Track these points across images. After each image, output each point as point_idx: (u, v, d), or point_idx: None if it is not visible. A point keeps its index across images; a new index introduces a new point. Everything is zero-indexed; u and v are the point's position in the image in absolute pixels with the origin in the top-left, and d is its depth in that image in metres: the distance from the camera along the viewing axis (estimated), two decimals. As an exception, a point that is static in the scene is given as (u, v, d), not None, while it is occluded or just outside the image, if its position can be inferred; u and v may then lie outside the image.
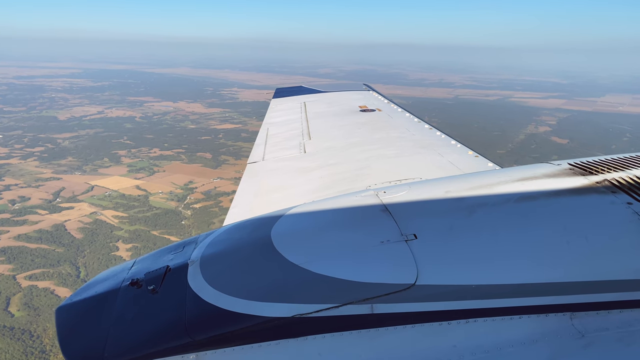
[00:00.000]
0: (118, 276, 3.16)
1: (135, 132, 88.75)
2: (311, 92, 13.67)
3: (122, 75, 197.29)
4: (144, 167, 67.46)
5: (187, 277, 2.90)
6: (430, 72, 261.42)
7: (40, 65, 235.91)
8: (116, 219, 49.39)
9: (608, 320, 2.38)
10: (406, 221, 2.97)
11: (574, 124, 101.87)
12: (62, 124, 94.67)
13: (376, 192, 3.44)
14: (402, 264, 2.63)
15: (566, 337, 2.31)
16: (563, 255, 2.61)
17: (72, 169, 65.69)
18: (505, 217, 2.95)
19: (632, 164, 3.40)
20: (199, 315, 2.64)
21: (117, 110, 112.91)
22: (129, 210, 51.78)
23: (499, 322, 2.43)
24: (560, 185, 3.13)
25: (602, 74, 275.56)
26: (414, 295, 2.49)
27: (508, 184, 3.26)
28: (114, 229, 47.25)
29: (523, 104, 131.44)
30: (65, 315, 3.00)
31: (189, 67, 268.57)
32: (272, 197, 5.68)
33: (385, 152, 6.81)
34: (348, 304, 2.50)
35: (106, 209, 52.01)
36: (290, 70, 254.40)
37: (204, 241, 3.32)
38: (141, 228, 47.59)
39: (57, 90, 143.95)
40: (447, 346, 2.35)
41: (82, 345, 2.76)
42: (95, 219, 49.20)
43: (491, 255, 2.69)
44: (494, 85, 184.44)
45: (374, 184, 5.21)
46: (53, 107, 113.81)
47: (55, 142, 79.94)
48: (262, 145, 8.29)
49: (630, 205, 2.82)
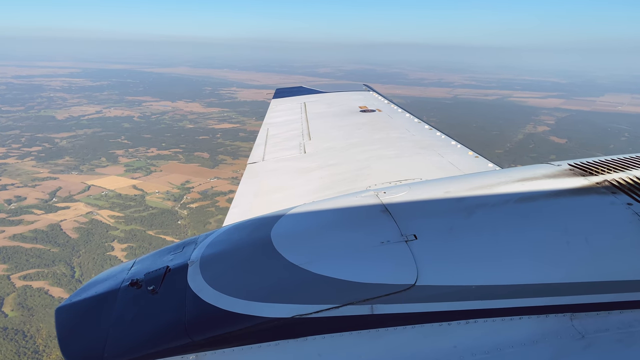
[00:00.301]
0: (118, 276, 3.15)
1: (133, 132, 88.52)
2: (311, 92, 13.72)
3: (121, 75, 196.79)
4: (141, 167, 67.23)
5: (187, 278, 2.89)
6: (429, 72, 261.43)
7: (39, 65, 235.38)
8: (112, 219, 49.20)
9: (608, 321, 2.37)
10: (406, 222, 2.97)
11: (572, 124, 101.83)
12: (60, 124, 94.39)
13: (376, 193, 3.44)
14: (402, 264, 2.63)
15: (566, 337, 2.30)
16: (563, 255, 2.61)
17: (69, 169, 65.49)
18: (505, 217, 2.95)
19: (632, 165, 3.39)
20: (199, 316, 2.64)
21: (115, 109, 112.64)
22: (125, 210, 51.59)
23: (499, 323, 2.43)
24: (561, 186, 3.13)
25: (601, 74, 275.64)
26: (414, 296, 2.49)
27: (508, 184, 3.25)
28: (109, 228, 47.04)
29: (522, 104, 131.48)
30: (65, 315, 2.99)
31: (188, 67, 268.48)
32: (272, 197, 5.67)
33: (386, 152, 6.79)
34: (348, 305, 2.49)
35: (102, 208, 51.81)
36: (290, 69, 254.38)
37: (203, 241, 3.31)
38: (137, 228, 47.38)
39: (55, 89, 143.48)
40: (447, 347, 2.35)
41: (82, 346, 2.76)
42: (91, 219, 48.98)
43: (491, 255, 2.69)
44: (493, 85, 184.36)
45: (374, 184, 5.19)
46: (51, 107, 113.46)
47: (53, 142, 79.72)
48: (262, 145, 8.28)
49: (631, 206, 2.81)
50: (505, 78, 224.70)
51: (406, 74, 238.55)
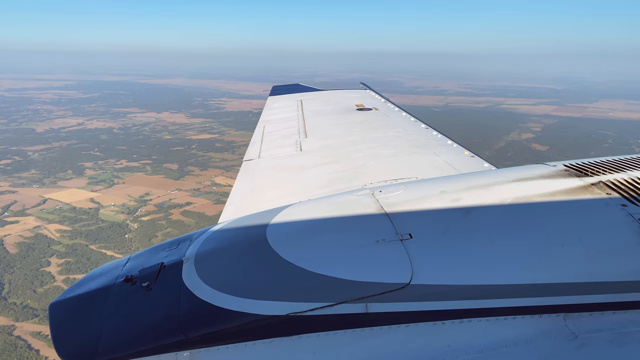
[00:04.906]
0: (112, 272, 3.11)
1: (109, 144, 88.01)
2: (308, 90, 13.76)
3: (115, 87, 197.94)
4: (105, 179, 66.40)
5: (182, 274, 2.86)
6: (426, 80, 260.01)
7: (35, 78, 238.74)
8: (58, 233, 48.19)
9: (601, 322, 2.40)
10: (401, 221, 2.94)
11: (558, 130, 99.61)
12: (38, 136, 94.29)
13: (372, 191, 3.41)
14: (397, 263, 2.62)
15: (559, 337, 2.32)
16: (557, 256, 2.62)
17: (31, 182, 64.82)
18: (500, 217, 2.93)
19: (627, 166, 3.38)
20: (193, 313, 2.61)
21: (98, 121, 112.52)
22: (75, 223, 50.56)
23: (493, 322, 2.43)
24: (556, 187, 3.12)
25: (600, 79, 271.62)
26: (408, 295, 2.48)
27: (503, 184, 3.22)
28: (52, 243, 46.01)
29: (512, 111, 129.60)
30: (58, 311, 2.94)
31: (185, 78, 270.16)
32: (267, 195, 5.63)
33: (382, 151, 6.77)
34: (342, 303, 2.48)
35: (52, 222, 50.89)
36: (287, 79, 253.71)
37: (198, 238, 3.25)
38: (80, 242, 46.31)
39: (44, 102, 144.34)
40: (441, 346, 2.35)
41: (76, 341, 2.72)
42: (36, 233, 48.04)
43: (486, 255, 2.67)
44: (487, 93, 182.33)
45: (370, 183, 5.18)
46: (34, 120, 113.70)
47: (25, 155, 79.39)
48: (259, 142, 8.25)
49: (625, 207, 2.81)
50: (501, 85, 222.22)
51: (402, 82, 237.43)
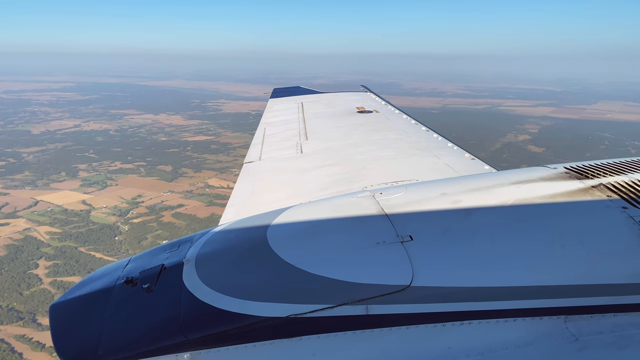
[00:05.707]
0: (113, 274, 3.11)
1: (104, 146, 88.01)
2: (308, 92, 13.83)
3: (113, 89, 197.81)
4: (98, 181, 66.27)
5: (182, 276, 2.86)
6: (424, 82, 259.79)
7: (34, 79, 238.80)
8: (48, 235, 48.04)
9: (602, 324, 2.38)
10: (402, 222, 2.95)
11: (555, 132, 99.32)
12: (33, 138, 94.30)
13: (373, 193, 3.42)
14: (397, 265, 2.62)
15: (560, 340, 2.31)
16: (558, 258, 2.61)
17: (23, 184, 64.72)
18: (500, 219, 2.94)
19: (628, 168, 3.36)
20: (194, 314, 2.61)
21: (95, 123, 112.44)
22: (65, 226, 50.42)
23: (494, 325, 2.42)
24: (556, 189, 3.11)
25: (601, 81, 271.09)
26: (409, 297, 2.49)
27: (504, 186, 3.23)
28: (41, 245, 45.86)
29: (510, 113, 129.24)
30: (59, 312, 2.94)
31: (184, 79, 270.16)
32: (268, 197, 5.64)
33: (382, 153, 6.78)
34: (343, 305, 2.49)
35: (42, 224, 50.73)
36: (286, 81, 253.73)
37: (199, 240, 3.26)
38: (70, 244, 46.12)
39: (42, 104, 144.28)
40: (441, 348, 2.35)
41: (77, 343, 2.72)
42: (26, 236, 47.90)
43: (486, 257, 2.67)
44: (486, 94, 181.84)
45: (370, 185, 5.17)
46: (31, 121, 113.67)
47: (19, 157, 79.37)
48: (259, 145, 8.27)
49: (625, 209, 2.81)
50: (501, 87, 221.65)
51: (401, 84, 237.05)
